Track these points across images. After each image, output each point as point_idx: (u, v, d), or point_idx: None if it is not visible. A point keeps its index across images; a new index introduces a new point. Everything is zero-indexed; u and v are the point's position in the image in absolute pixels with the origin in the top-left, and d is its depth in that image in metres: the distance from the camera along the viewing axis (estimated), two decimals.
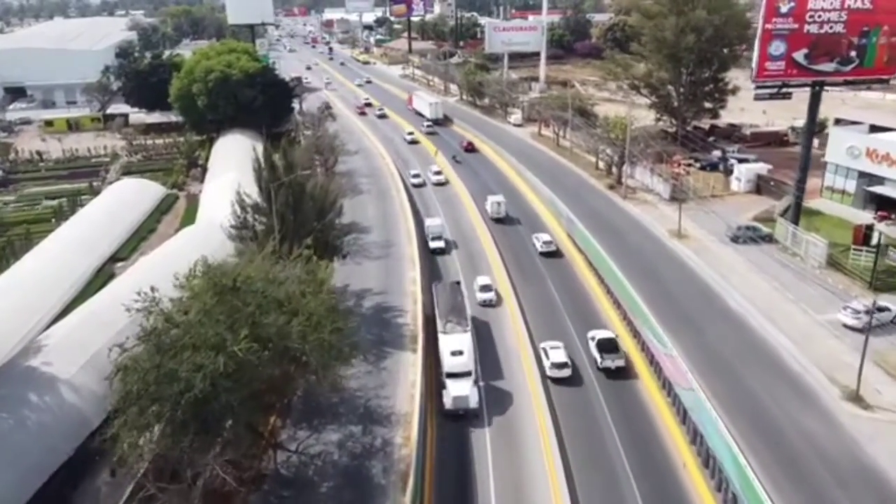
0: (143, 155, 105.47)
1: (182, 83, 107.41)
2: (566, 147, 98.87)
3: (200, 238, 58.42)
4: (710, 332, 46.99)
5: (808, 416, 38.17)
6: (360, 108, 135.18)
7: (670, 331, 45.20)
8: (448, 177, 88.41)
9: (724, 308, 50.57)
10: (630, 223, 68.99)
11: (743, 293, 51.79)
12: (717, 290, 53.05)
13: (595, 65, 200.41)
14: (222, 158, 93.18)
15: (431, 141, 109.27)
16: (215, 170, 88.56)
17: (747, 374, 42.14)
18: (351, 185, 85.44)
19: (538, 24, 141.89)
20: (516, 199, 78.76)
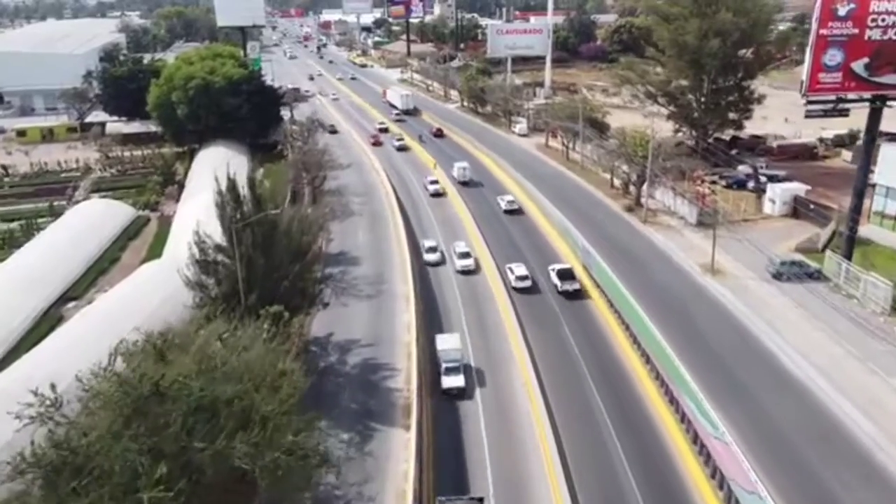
0: (118, 169, 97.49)
1: (160, 91, 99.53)
2: (576, 161, 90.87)
3: (161, 278, 50.37)
4: (766, 402, 38.92)
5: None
6: (373, 138, 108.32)
7: (717, 401, 37.28)
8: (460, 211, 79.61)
9: (777, 368, 42.47)
10: (654, 254, 60.91)
11: (797, 347, 43.79)
12: (767, 344, 44.96)
13: (601, 68, 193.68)
14: (202, 174, 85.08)
15: (400, 127, 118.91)
16: (193, 187, 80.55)
17: (818, 463, 34.13)
18: (341, 206, 77.54)
19: (543, 27, 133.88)
20: (526, 226, 70.70)
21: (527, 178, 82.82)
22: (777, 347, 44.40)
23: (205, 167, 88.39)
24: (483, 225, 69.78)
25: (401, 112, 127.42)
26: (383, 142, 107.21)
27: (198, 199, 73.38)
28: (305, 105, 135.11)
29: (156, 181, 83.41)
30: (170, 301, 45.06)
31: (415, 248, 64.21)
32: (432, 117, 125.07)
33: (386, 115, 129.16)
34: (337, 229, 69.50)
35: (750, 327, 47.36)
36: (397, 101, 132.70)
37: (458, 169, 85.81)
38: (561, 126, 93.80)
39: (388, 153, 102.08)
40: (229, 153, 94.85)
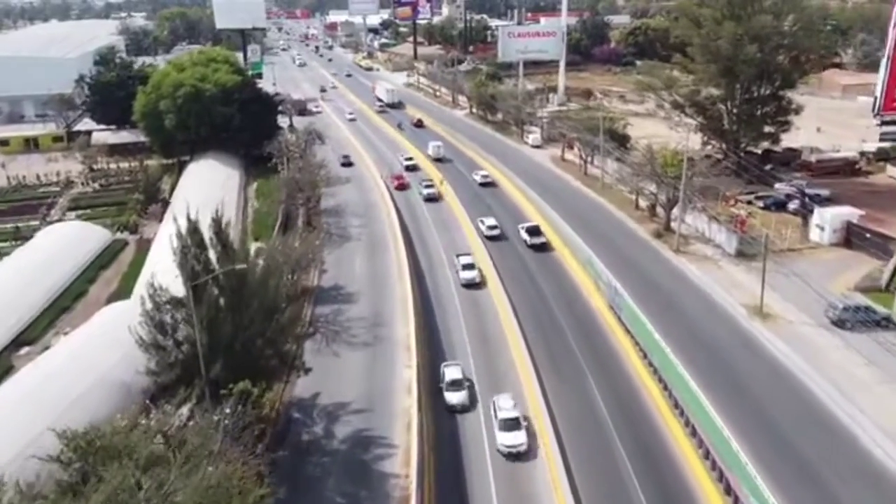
0: (101, 183, 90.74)
1: (148, 99, 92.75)
2: (595, 176, 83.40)
3: (123, 325, 42.90)
4: (847, 500, 31.54)
5: None
6: (396, 179, 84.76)
7: (786, 493, 30.04)
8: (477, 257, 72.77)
9: (856, 450, 35.00)
10: (690, 292, 53.41)
11: (876, 421, 36.30)
12: (837, 415, 37.46)
13: (615, 72, 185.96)
14: (188, 191, 78.20)
15: (382, 118, 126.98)
16: (178, 206, 73.58)
17: None
18: (338, 228, 70.58)
19: (557, 29, 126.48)
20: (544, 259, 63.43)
21: (542, 195, 75.43)
22: (850, 419, 36.92)
23: (193, 183, 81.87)
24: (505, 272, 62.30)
25: (384, 104, 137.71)
26: (409, 184, 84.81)
27: (181, 221, 66.47)
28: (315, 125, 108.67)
29: (137, 199, 76.45)
30: (126, 359, 38.01)
31: (418, 278, 57.20)
32: (415, 110, 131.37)
33: (420, 147, 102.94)
34: (332, 257, 62.53)
35: (814, 389, 39.89)
36: (383, 95, 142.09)
37: (433, 147, 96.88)
38: (578, 138, 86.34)
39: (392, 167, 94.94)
40: (220, 167, 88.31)
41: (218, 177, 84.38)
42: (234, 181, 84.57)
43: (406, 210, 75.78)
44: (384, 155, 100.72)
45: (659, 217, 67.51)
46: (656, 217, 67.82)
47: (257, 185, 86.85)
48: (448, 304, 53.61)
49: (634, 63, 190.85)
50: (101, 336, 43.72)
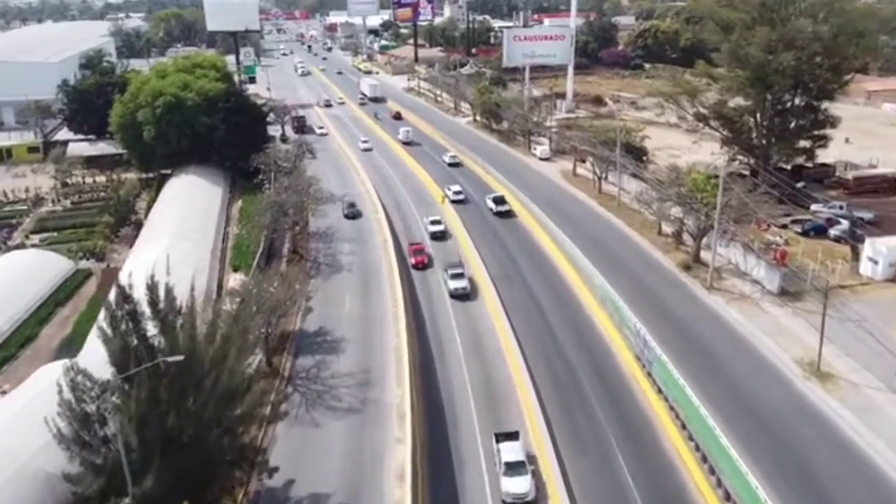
0: (73, 201, 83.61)
1: (125, 109, 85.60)
2: (612, 195, 76.21)
3: None
4: None
5: None
6: (415, 251, 61.87)
7: None
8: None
9: None
10: (731, 341, 46.09)
11: None
12: None
13: (623, 75, 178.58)
14: (164, 212, 71.25)
15: (363, 111, 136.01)
16: (152, 229, 66.54)
17: None
18: (328, 254, 63.52)
19: (566, 32, 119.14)
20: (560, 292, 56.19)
21: (553, 216, 68.23)
22: None
23: (170, 201, 74.87)
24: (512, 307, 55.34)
25: (366, 97, 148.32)
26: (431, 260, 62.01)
27: (153, 247, 59.46)
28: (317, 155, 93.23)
29: (106, 222, 69.26)
30: (55, 446, 30.75)
31: (416, 322, 50.09)
32: (394, 104, 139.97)
33: (392, 134, 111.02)
34: (319, 292, 55.38)
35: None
36: (367, 90, 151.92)
37: (403, 132, 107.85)
38: (592, 152, 79.06)
39: (389, 186, 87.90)
40: (202, 183, 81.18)
41: (199, 195, 77.28)
42: (216, 199, 77.42)
43: (404, 238, 68.58)
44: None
45: (686, 245, 60.33)
46: (683, 245, 60.60)
47: (242, 203, 79.68)
48: (450, 353, 46.48)
49: (643, 66, 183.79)
50: (29, 409, 36.37)
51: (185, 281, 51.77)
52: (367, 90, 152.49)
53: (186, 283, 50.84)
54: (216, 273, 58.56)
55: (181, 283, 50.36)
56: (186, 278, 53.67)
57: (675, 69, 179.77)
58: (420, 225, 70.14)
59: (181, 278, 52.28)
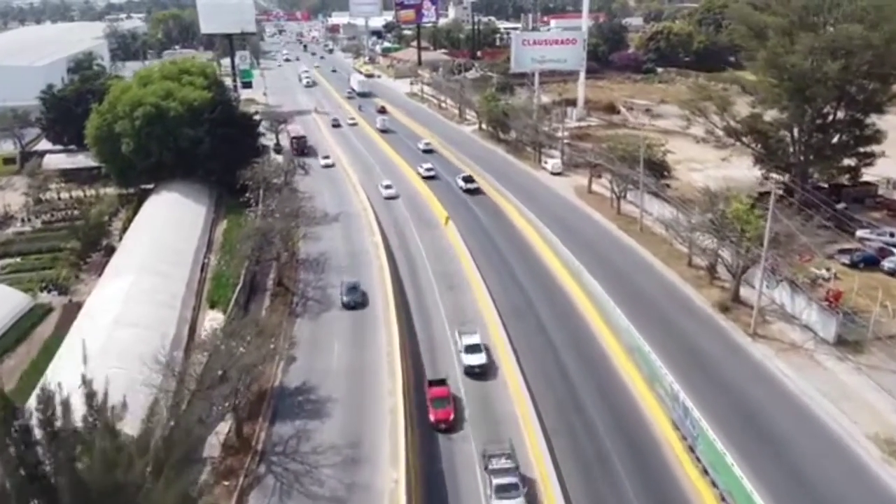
0: (45, 219, 76.95)
1: (101, 120, 78.93)
2: (631, 217, 69.32)
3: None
4: None
5: None
6: (436, 411, 39.18)
7: None
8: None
9: None
10: (786, 408, 38.87)
11: None
12: None
13: (635, 79, 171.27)
14: (141, 235, 64.53)
15: (350, 104, 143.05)
16: (124, 256, 59.74)
17: None
18: (318, 287, 56.74)
19: (578, 36, 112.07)
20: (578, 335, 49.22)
21: (568, 241, 61.27)
22: None
23: (146, 224, 68.15)
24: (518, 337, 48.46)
25: (354, 92, 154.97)
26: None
27: (120, 281, 52.79)
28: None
29: (72, 248, 62.49)
30: None
31: (415, 375, 43.28)
32: (384, 101, 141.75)
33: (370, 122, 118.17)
34: (305, 337, 48.60)
35: None
36: (356, 85, 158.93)
37: (380, 120, 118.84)
38: (610, 169, 72.09)
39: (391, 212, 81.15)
40: (184, 201, 74.52)
41: (179, 215, 70.57)
42: (198, 220, 70.66)
43: (405, 264, 61.74)
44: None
45: (720, 279, 53.33)
46: (717, 279, 53.58)
47: (227, 224, 72.96)
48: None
49: (655, 70, 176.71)
50: None
51: (146, 327, 45.63)
52: (357, 86, 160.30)
53: (144, 334, 44.83)
54: (189, 311, 51.72)
55: (143, 331, 44.64)
56: (149, 322, 47.58)
57: (688, 73, 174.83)
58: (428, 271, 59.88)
59: (143, 323, 46.16)
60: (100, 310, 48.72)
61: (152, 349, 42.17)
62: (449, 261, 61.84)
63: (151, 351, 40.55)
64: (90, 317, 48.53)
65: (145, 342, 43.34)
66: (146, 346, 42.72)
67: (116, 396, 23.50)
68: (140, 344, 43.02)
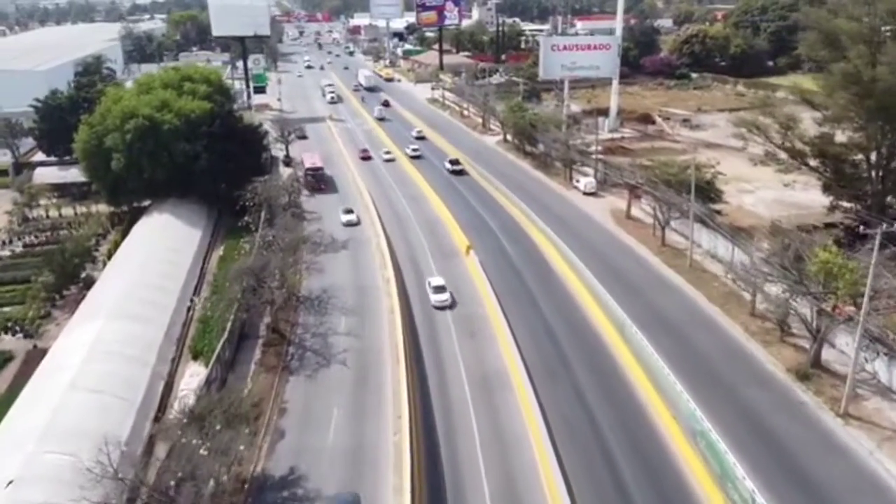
0: (28, 242, 70.19)
1: (91, 132, 72.14)
2: (676, 248, 60.96)
3: None
4: None
5: None
6: None
7: None
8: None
9: None
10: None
11: None
12: None
13: (668, 86, 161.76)
14: (124, 266, 57.30)
15: (354, 96, 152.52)
16: (102, 292, 52.43)
17: None
18: (318, 334, 49.11)
19: (612, 41, 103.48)
20: (625, 407, 40.99)
21: (606, 279, 53.20)
22: None
23: (132, 252, 60.96)
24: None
25: (361, 86, 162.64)
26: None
27: (90, 328, 45.43)
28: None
29: (43, 283, 55.35)
30: None
31: (431, 459, 35.44)
32: (389, 95, 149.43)
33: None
34: (298, 398, 41.06)
35: None
36: (363, 80, 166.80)
37: (377, 110, 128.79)
38: (653, 193, 63.67)
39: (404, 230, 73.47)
40: (178, 224, 67.52)
41: (171, 240, 63.32)
42: (191, 246, 63.37)
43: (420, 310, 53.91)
44: None
45: (793, 334, 44.77)
46: (790, 334, 45.00)
47: (224, 250, 65.79)
48: None
49: (689, 76, 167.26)
50: None
51: (108, 391, 37.92)
52: (363, 80, 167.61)
53: (103, 402, 37.34)
54: (166, 366, 44.27)
55: (103, 399, 37.15)
56: (113, 384, 39.95)
57: (725, 78, 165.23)
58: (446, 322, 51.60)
59: (105, 387, 38.55)
60: (58, 366, 41.47)
61: (110, 425, 34.95)
62: (468, 298, 53.97)
63: (107, 429, 33.23)
64: (45, 375, 41.22)
65: (102, 416, 36.06)
66: (103, 421, 35.48)
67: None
68: (96, 418, 35.79)
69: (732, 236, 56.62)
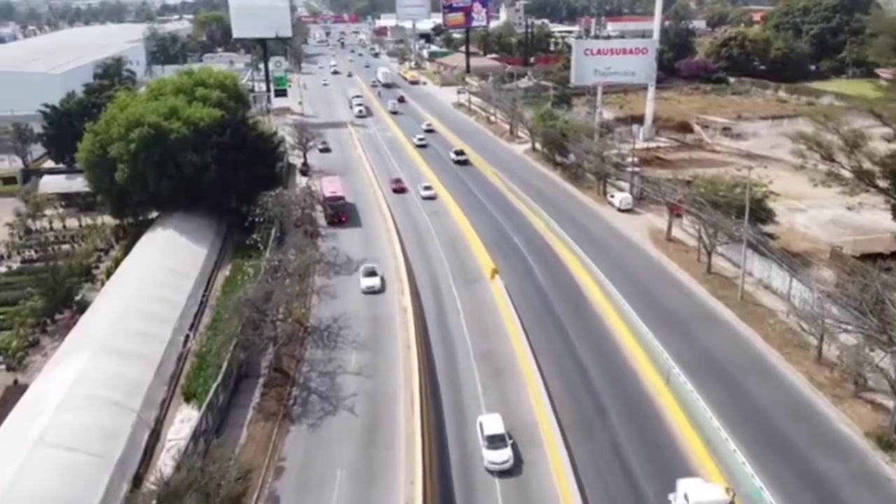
0: (27, 257, 66.25)
1: (95, 141, 68.12)
2: (724, 276, 55.07)
3: None
4: None
5: None
6: None
7: None
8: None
9: None
10: None
11: None
12: None
13: (705, 90, 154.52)
14: (121, 288, 52.91)
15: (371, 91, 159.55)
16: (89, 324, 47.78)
17: None
18: (325, 373, 44.20)
19: (649, 45, 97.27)
20: None
21: (649, 314, 47.69)
22: None
23: (131, 272, 56.60)
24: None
25: (380, 83, 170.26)
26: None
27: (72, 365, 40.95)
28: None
29: (31, 308, 51.10)
30: None
31: None
32: (416, 100, 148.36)
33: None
34: (297, 461, 36.05)
35: None
36: (381, 77, 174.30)
37: (391, 103, 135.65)
38: (697, 214, 57.74)
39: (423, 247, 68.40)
40: (183, 241, 63.00)
41: (173, 259, 58.76)
42: (195, 267, 58.77)
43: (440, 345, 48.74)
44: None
45: (869, 388, 38.76)
46: (864, 387, 38.99)
47: (231, 269, 61.20)
48: None
49: (727, 80, 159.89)
50: None
51: (82, 448, 33.03)
52: (381, 77, 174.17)
53: (76, 461, 32.63)
54: (153, 411, 39.58)
55: (76, 457, 32.46)
56: (89, 438, 35.08)
57: (765, 83, 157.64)
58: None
59: (79, 441, 33.68)
60: (31, 412, 37.01)
61: (80, 489, 30.40)
62: (493, 333, 48.74)
63: (76, 494, 28.70)
64: (15, 425, 36.55)
65: (72, 478, 31.44)
66: (71, 486, 30.92)
67: None
68: (64, 481, 31.17)
69: (788, 264, 50.74)
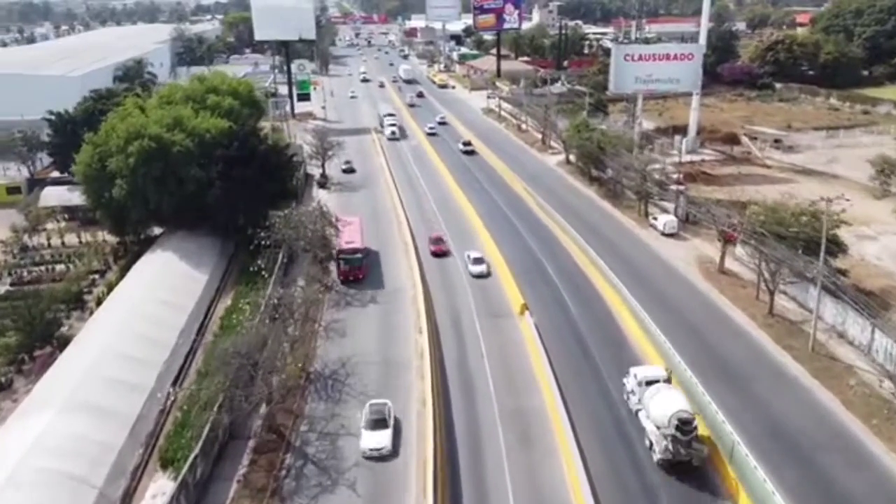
0: (19, 278, 61.36)
1: (93, 154, 63.15)
2: (790, 321, 47.92)
3: None
4: None
5: None
6: None
7: None
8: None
9: None
10: None
11: None
12: None
13: (749, 97, 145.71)
14: (104, 325, 47.49)
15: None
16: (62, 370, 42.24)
17: None
18: (325, 435, 38.23)
19: (695, 50, 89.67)
20: None
21: (695, 360, 41.08)
22: None
23: (121, 303, 51.11)
24: None
25: (401, 79, 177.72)
26: None
27: (33, 424, 35.57)
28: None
29: (5, 345, 45.87)
30: None
31: None
32: (428, 91, 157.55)
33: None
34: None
35: None
36: (402, 73, 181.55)
37: (409, 97, 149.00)
38: (757, 248, 50.52)
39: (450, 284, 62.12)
40: (180, 267, 57.41)
41: (169, 288, 53.17)
42: (192, 296, 53.25)
43: (460, 401, 42.39)
44: None
45: None
46: None
47: (233, 298, 55.50)
48: None
49: (773, 86, 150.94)
50: None
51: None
52: (403, 74, 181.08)
53: None
54: (122, 482, 33.82)
55: None
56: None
57: (815, 89, 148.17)
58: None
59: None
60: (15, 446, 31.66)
61: None
62: (523, 384, 42.31)
63: None
64: None
65: None
66: None
67: None
68: None
69: (866, 307, 43.51)
